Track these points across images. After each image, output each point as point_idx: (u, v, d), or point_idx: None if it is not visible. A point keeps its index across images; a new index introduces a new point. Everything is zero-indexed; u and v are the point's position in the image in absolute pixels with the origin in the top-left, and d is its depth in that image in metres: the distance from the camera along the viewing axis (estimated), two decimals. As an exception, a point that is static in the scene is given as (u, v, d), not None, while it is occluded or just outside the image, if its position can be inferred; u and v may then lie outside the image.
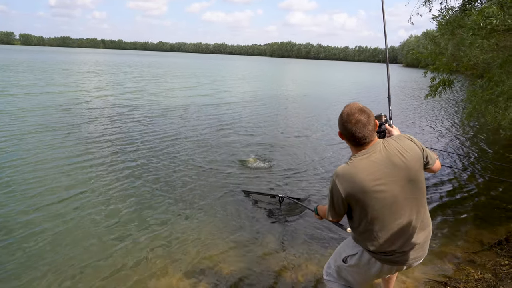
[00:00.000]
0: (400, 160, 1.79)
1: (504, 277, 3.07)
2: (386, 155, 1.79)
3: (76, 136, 7.51)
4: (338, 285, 2.19)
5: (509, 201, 4.89)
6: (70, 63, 38.97)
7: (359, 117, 1.79)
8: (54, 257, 3.29)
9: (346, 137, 1.87)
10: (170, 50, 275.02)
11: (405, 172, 1.79)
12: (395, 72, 56.28)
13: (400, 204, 1.80)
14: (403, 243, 1.85)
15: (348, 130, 1.82)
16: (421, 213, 1.89)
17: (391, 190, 1.77)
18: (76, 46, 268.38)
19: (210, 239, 3.71)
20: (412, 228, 1.86)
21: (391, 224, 1.82)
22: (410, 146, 1.85)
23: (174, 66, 44.27)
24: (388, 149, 1.81)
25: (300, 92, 19.94)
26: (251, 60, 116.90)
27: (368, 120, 1.80)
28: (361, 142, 1.81)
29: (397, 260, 1.89)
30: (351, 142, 1.86)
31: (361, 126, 1.78)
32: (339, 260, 2.13)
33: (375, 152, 1.80)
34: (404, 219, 1.83)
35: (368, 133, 1.80)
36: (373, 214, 1.81)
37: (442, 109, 14.84)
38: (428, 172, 1.98)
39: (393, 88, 24.65)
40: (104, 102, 12.54)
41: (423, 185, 1.87)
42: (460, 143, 8.92)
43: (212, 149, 7.09)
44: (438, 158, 2.02)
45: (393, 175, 1.77)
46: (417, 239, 1.88)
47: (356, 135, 1.80)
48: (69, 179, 5.10)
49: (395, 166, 1.78)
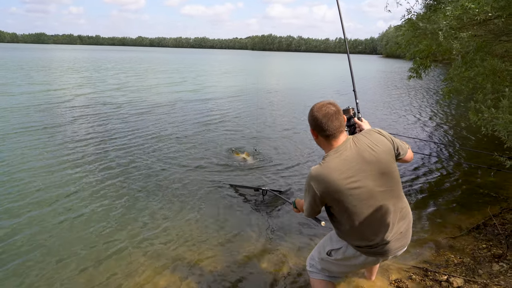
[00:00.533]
0: (371, 155, 1.82)
1: (482, 260, 3.16)
2: (356, 151, 1.82)
3: (57, 136, 7.28)
4: (321, 276, 2.22)
5: (486, 187, 5.02)
6: (47, 60, 37.69)
7: (328, 110, 1.84)
8: (40, 261, 3.19)
9: (317, 130, 1.89)
10: (149, 45, 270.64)
11: (377, 166, 1.81)
12: (376, 63, 56.98)
13: (376, 197, 1.83)
14: (385, 234, 1.88)
15: (318, 122, 1.85)
16: (399, 202, 1.92)
17: (366, 185, 1.80)
18: (52, 43, 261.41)
19: (194, 235, 3.67)
20: (393, 218, 1.89)
21: (371, 218, 1.85)
22: (379, 140, 1.88)
23: (157, 62, 43.39)
24: (358, 145, 1.84)
25: (284, 86, 19.91)
26: (233, 53, 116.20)
27: (337, 112, 1.85)
28: (331, 133, 1.84)
29: (382, 251, 1.93)
30: (322, 134, 1.88)
31: (331, 117, 1.82)
32: (323, 253, 2.16)
33: (345, 150, 1.83)
34: (383, 211, 1.85)
35: (338, 125, 1.84)
36: (351, 211, 1.83)
37: (419, 98, 15.12)
38: (401, 162, 2.01)
39: (372, 79, 25.21)
40: (86, 100, 12.15)
41: (397, 175, 1.90)
42: (435, 131, 9.11)
43: (198, 145, 7.01)
44: (410, 148, 2.05)
45: (365, 170, 1.80)
46: (399, 229, 1.92)
47: (326, 127, 1.83)
48: (52, 181, 4.95)
49: (366, 161, 1.80)
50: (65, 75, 21.09)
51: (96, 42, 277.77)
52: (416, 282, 2.87)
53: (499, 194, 4.76)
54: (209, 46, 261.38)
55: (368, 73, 31.97)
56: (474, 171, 5.71)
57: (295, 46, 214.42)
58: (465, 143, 7.82)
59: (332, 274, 2.20)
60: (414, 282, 2.87)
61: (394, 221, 1.89)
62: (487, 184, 5.14)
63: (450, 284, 2.75)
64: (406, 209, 1.98)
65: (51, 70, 24.34)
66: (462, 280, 2.77)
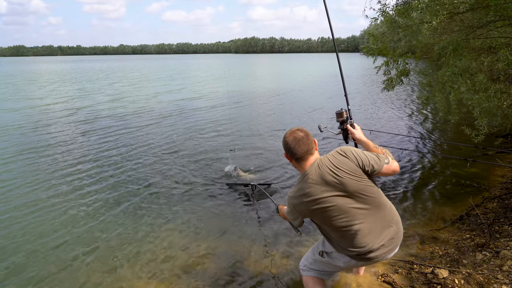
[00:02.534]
0: (333, 178, 1.90)
1: (466, 250, 3.22)
2: (320, 176, 1.92)
3: (48, 150, 7.17)
4: (312, 273, 2.30)
5: (467, 178, 5.13)
6: (35, 73, 37.29)
7: (296, 135, 2.00)
8: (33, 270, 3.17)
9: (289, 154, 2.03)
10: (132, 53, 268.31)
11: (341, 187, 1.90)
12: (357, 60, 57.59)
13: (351, 213, 1.91)
14: (370, 244, 1.94)
15: (288, 146, 2.01)
16: (380, 212, 1.97)
17: (335, 204, 1.90)
18: (32, 55, 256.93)
19: (184, 239, 3.66)
20: (376, 229, 1.95)
21: (352, 231, 1.93)
22: (342, 162, 1.94)
23: (147, 70, 42.62)
24: (321, 169, 1.93)
25: (278, 88, 19.94)
26: (218, 57, 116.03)
27: (305, 137, 2.00)
28: (300, 157, 1.99)
29: (369, 257, 1.99)
30: (293, 158, 2.02)
31: (298, 142, 1.98)
32: (316, 254, 2.27)
33: (311, 174, 1.95)
34: (363, 225, 1.92)
35: (306, 149, 1.98)
36: (328, 226, 1.98)
37: (397, 93, 15.31)
38: (381, 176, 2.06)
39: (356, 77, 25.42)
40: (77, 113, 11.84)
41: (370, 190, 1.93)
42: (413, 125, 9.27)
43: (193, 151, 6.99)
44: (392, 161, 2.04)
45: (329, 191, 1.90)
46: (385, 237, 1.97)
47: (295, 151, 1.98)
48: (44, 192, 4.91)
49: (329, 184, 1.90)
50: (58, 88, 20.52)
51: (77, 52, 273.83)
52: (402, 275, 2.91)
53: (480, 184, 4.86)
54: (192, 52, 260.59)
55: (350, 71, 32.28)
56: (455, 163, 5.81)
57: (278, 48, 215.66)
58: (444, 136, 7.97)
59: (324, 272, 2.29)
60: (401, 275, 2.91)
61: (378, 231, 1.95)
62: (469, 175, 5.25)
63: (435, 275, 2.79)
64: (391, 218, 2.01)
65: (41, 83, 23.77)
66: (447, 271, 2.82)
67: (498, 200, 4.23)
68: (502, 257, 2.95)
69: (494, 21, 4.15)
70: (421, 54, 5.80)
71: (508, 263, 2.83)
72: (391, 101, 13.28)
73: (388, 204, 2.03)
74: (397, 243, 2.05)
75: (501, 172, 5.27)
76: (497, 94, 3.31)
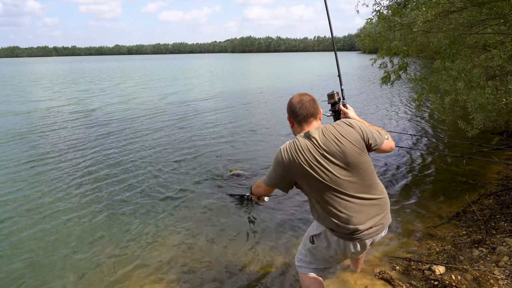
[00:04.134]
0: (336, 145, 1.87)
1: (462, 246, 3.24)
2: (323, 141, 1.89)
3: (45, 152, 7.14)
4: (309, 270, 2.23)
5: (463, 174, 5.15)
6: (38, 73, 36.89)
7: (303, 98, 2.01)
8: (22, 273, 3.12)
9: (292, 116, 2.03)
10: (127, 53, 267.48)
11: (342, 156, 1.87)
12: (354, 59, 57.74)
13: (343, 185, 1.88)
14: (358, 221, 1.90)
15: (292, 107, 2.01)
16: (371, 191, 1.95)
17: (330, 172, 1.86)
18: (26, 56, 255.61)
19: (182, 241, 3.65)
20: (363, 206, 1.92)
21: (341, 205, 1.89)
22: (348, 131, 1.91)
23: (149, 70, 42.01)
24: (325, 135, 1.90)
25: (278, 86, 19.96)
26: (217, 57, 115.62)
27: (311, 100, 2.00)
28: (303, 119, 1.99)
29: (356, 237, 1.94)
30: (295, 120, 2.02)
31: (304, 104, 1.98)
32: (307, 243, 2.20)
33: (314, 135, 1.91)
34: (350, 199, 1.89)
35: (311, 112, 1.98)
36: (317, 194, 1.93)
37: (396, 91, 15.37)
38: (379, 152, 2.05)
39: (353, 75, 25.49)
40: (89, 115, 11.39)
41: (368, 166, 1.93)
42: (413, 123, 9.30)
43: (196, 157, 6.97)
44: (390, 138, 2.07)
45: (329, 159, 1.87)
46: (370, 216, 1.94)
47: (299, 112, 1.98)
48: (45, 192, 4.88)
49: (331, 151, 1.87)
50: (63, 90, 20.02)
51: (72, 53, 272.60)
52: (400, 272, 2.92)
53: (476, 181, 4.89)
54: (188, 51, 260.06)
55: (347, 69, 32.35)
56: (451, 160, 5.85)
57: (274, 47, 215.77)
58: (441, 134, 8.01)
59: (319, 266, 2.21)
60: (398, 272, 2.92)
61: (365, 208, 1.92)
62: (465, 172, 5.27)
63: (432, 272, 2.80)
64: (380, 198, 1.99)
65: (45, 85, 23.33)
66: (444, 268, 2.83)
67: (494, 197, 4.26)
68: (499, 253, 2.98)
69: (489, 19, 4.18)
70: (416, 52, 5.81)
71: (504, 259, 2.86)
72: (386, 99, 13.33)
73: (380, 184, 2.02)
74: (386, 225, 2.02)
75: (497, 169, 5.31)
76: (493, 90, 3.33)
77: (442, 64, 4.21)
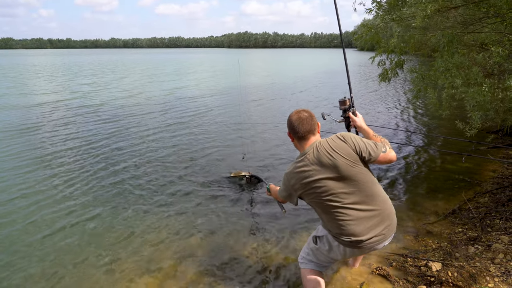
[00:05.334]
0: (328, 160, 1.97)
1: (458, 243, 3.27)
2: (316, 156, 2.00)
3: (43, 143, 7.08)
4: (310, 265, 2.32)
5: (460, 172, 5.19)
6: (37, 65, 36.32)
7: (301, 114, 2.11)
8: (19, 267, 3.11)
9: (292, 133, 2.14)
10: (123, 46, 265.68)
11: (334, 170, 1.96)
12: (352, 56, 57.73)
13: (339, 197, 1.96)
14: (357, 232, 1.96)
15: (291, 125, 2.12)
16: (368, 202, 1.98)
17: (326, 185, 1.96)
18: (20, 47, 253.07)
19: (181, 232, 3.66)
20: (362, 217, 1.96)
21: (337, 216, 1.98)
22: (340, 146, 2.00)
23: (150, 64, 41.22)
24: (319, 150, 2.01)
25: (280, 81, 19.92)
26: (212, 52, 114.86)
27: (309, 117, 2.10)
28: (302, 136, 2.09)
29: (357, 246, 2.00)
30: (295, 136, 2.14)
31: (302, 121, 2.08)
32: (311, 243, 2.30)
33: (309, 154, 2.03)
34: (348, 211, 1.96)
35: (308, 129, 2.08)
36: (319, 208, 2.06)
37: (391, 88, 15.42)
38: (378, 163, 2.10)
39: (350, 71, 25.27)
40: (98, 110, 11.05)
41: (363, 178, 1.97)
42: (409, 120, 9.36)
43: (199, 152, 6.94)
44: (389, 150, 2.08)
45: (323, 173, 1.97)
46: (371, 227, 1.98)
47: (298, 129, 2.09)
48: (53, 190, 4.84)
49: (323, 166, 1.97)
50: (67, 82, 19.53)
51: (67, 45, 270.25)
52: (396, 268, 2.94)
53: (473, 178, 4.93)
54: (184, 46, 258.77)
55: (342, 66, 32.37)
56: (448, 157, 5.88)
57: (271, 43, 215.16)
58: (436, 130, 8.05)
59: (320, 263, 2.30)
60: (395, 268, 2.95)
61: (368, 220, 1.96)
62: (462, 169, 5.31)
63: (429, 268, 2.83)
64: (384, 207, 2.02)
65: (46, 77, 22.77)
66: (440, 264, 2.86)
67: (490, 195, 4.29)
68: (494, 250, 3.01)
69: (487, 17, 4.19)
70: (414, 49, 5.82)
71: (499, 256, 2.89)
72: (384, 95, 13.37)
73: (382, 195, 2.04)
74: (388, 235, 2.05)
75: (493, 167, 5.35)
76: (490, 88, 3.35)
77: (441, 62, 4.23)
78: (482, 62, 4.05)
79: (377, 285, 2.76)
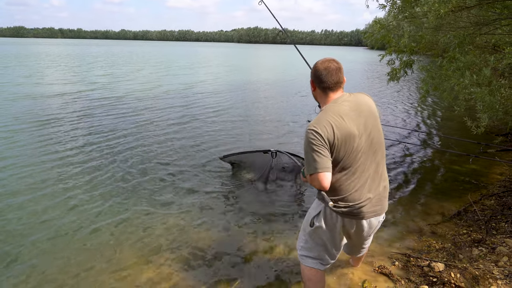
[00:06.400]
0: (368, 107, 1.92)
1: (462, 245, 3.25)
2: (355, 101, 1.92)
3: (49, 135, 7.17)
4: (311, 263, 2.23)
5: (466, 174, 5.15)
6: (51, 54, 36.43)
7: (330, 64, 1.93)
8: (20, 255, 3.16)
9: (316, 82, 1.97)
10: (133, 38, 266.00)
11: (372, 119, 1.91)
12: (361, 54, 57.30)
13: (364, 153, 1.90)
14: (362, 193, 1.93)
15: (318, 73, 1.94)
16: (379, 166, 1.98)
17: (358, 136, 1.86)
18: (32, 36, 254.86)
19: (184, 224, 3.69)
20: (371, 179, 1.95)
21: (353, 173, 1.91)
22: (373, 107, 1.98)
23: (165, 56, 41.05)
24: (356, 97, 1.94)
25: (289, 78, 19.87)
26: (222, 46, 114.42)
27: (338, 68, 1.93)
28: (328, 86, 1.93)
29: (356, 212, 1.96)
30: (320, 86, 1.96)
31: (331, 71, 1.92)
32: (307, 227, 2.20)
33: (344, 101, 1.91)
34: (364, 169, 1.92)
35: (336, 80, 1.92)
36: (342, 161, 1.88)
37: (401, 88, 15.31)
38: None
39: (359, 70, 25.34)
40: (119, 102, 10.89)
41: (383, 138, 1.98)
42: (417, 120, 9.28)
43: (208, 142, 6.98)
44: None
45: (360, 121, 1.88)
46: (375, 192, 1.97)
47: (325, 79, 1.92)
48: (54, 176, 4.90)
49: (362, 112, 1.89)
50: (84, 73, 19.45)
51: (78, 35, 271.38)
52: (399, 267, 2.94)
53: (479, 181, 4.89)
54: (194, 39, 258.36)
55: (353, 64, 32.16)
56: (455, 159, 5.84)
57: (281, 39, 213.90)
58: (444, 131, 7.97)
59: (319, 251, 2.20)
60: (397, 268, 2.94)
61: (371, 182, 1.95)
62: (468, 171, 5.28)
63: (431, 269, 2.83)
64: (384, 175, 2.04)
65: (63, 67, 22.65)
66: (443, 265, 2.85)
67: (496, 198, 4.26)
68: (498, 253, 2.99)
69: (500, 19, 4.13)
70: (425, 49, 5.77)
71: (503, 259, 2.87)
72: (392, 95, 13.27)
73: (385, 164, 2.06)
74: (383, 207, 2.05)
75: (500, 170, 5.30)
76: (500, 89, 3.32)
77: (450, 63, 4.20)
78: (495, 64, 4.02)
79: (379, 283, 2.77)
